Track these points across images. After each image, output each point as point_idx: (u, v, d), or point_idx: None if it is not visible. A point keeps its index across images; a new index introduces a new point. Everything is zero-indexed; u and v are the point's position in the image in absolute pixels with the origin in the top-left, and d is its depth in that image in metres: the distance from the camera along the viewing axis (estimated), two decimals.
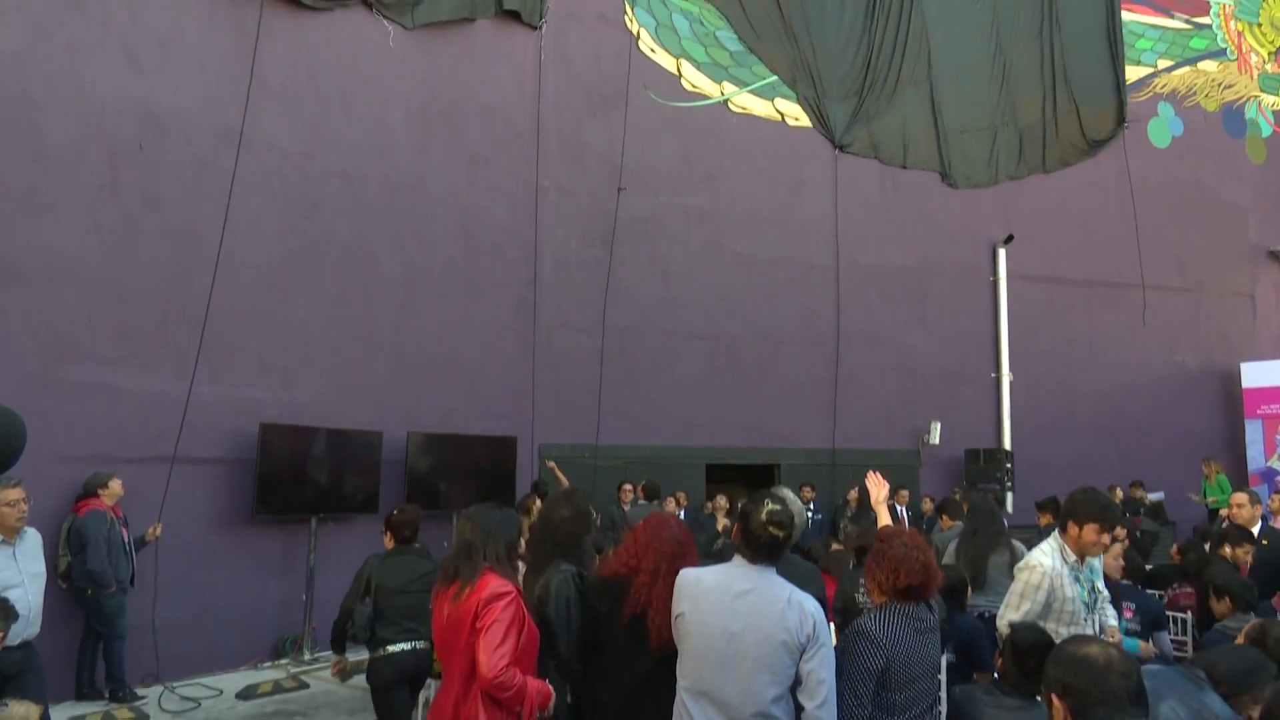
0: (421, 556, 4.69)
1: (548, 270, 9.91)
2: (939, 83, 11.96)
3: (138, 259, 6.85)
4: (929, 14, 12.03)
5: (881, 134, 11.72)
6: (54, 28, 6.55)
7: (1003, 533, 5.35)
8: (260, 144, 7.70)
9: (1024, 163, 12.40)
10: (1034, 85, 12.46)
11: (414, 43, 9.02)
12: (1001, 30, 12.34)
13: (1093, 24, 12.78)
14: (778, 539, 2.62)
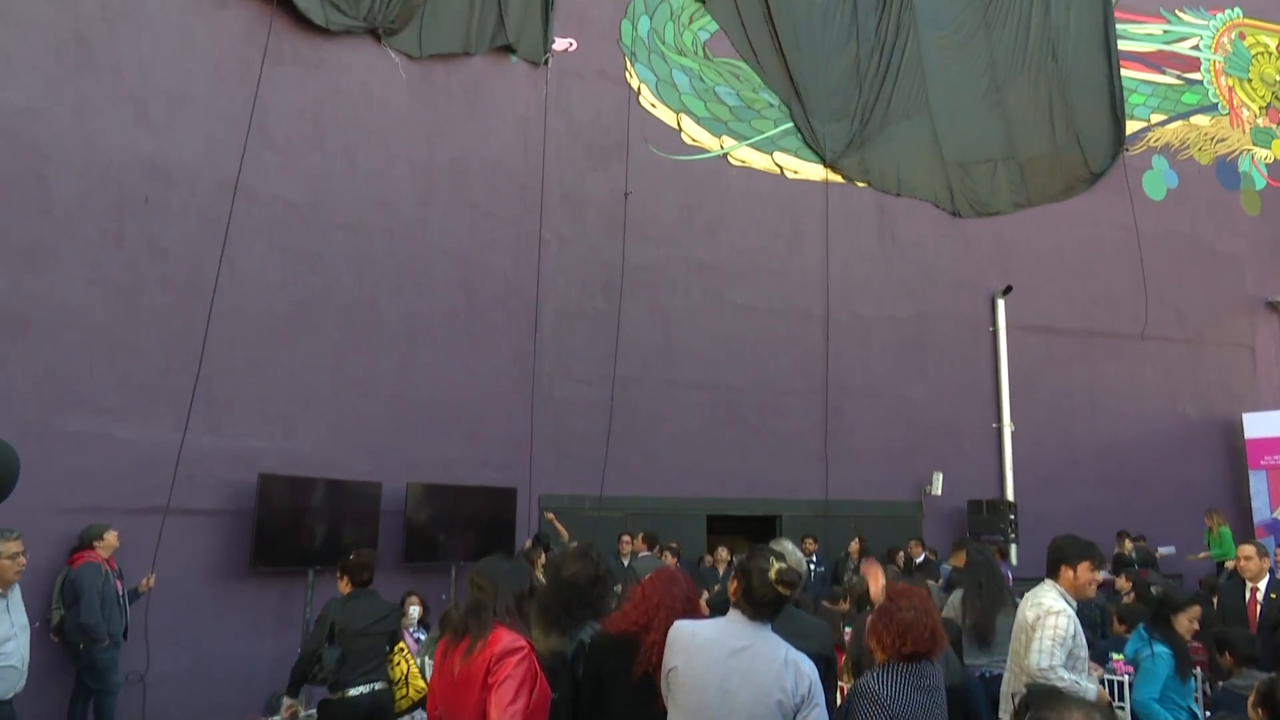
0: (380, 599, 4.85)
1: (548, 320, 9.95)
2: (937, 116, 12.12)
3: (141, 309, 6.89)
4: (924, 46, 12.20)
5: (874, 160, 11.85)
6: (66, 84, 6.67)
7: (1005, 588, 5.28)
8: (265, 195, 7.79)
9: (1028, 193, 12.52)
10: (1033, 119, 12.63)
11: (419, 97, 9.17)
12: (998, 64, 12.53)
13: (1090, 56, 12.99)
14: (783, 598, 2.57)
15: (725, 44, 11.53)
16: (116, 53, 7.04)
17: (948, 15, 12.47)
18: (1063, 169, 12.74)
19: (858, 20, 11.97)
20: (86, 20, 6.94)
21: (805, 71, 11.58)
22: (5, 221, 6.26)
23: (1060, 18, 12.90)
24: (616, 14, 10.90)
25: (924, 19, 12.29)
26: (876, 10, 12.06)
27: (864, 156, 11.79)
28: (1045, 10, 12.86)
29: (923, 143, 12.09)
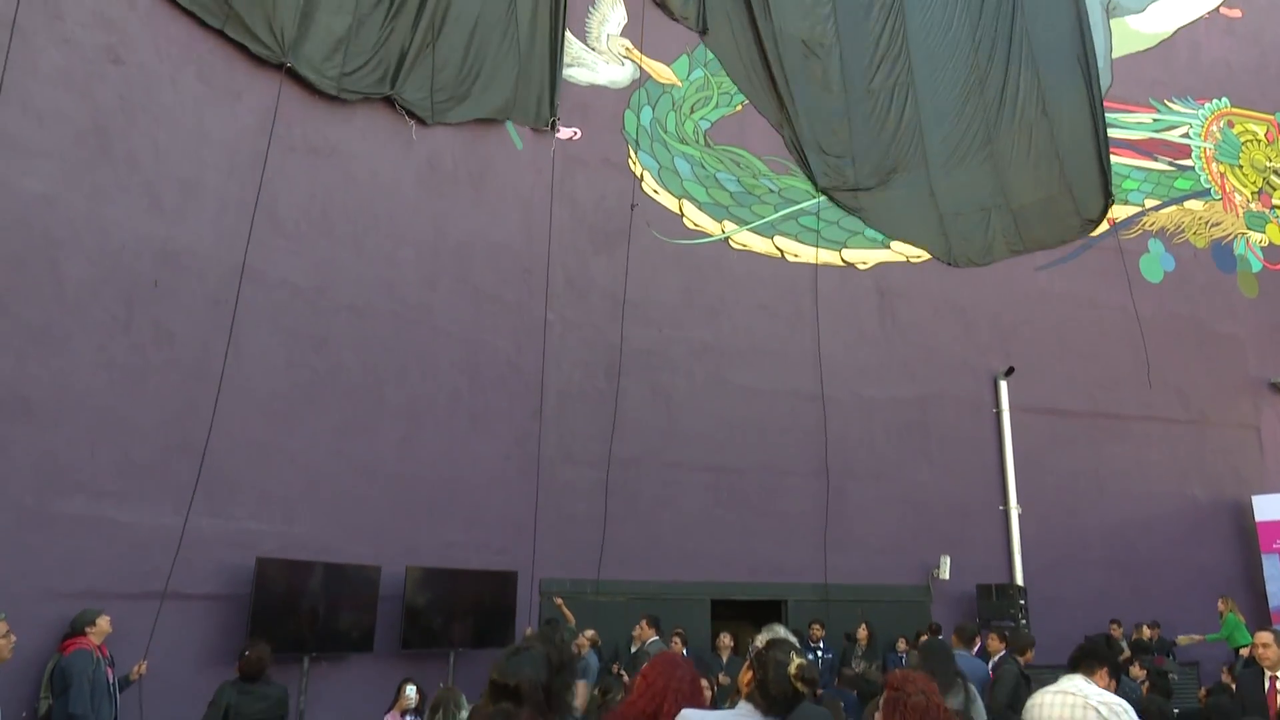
0: (272, 685, 5.47)
1: (551, 403, 9.96)
2: (933, 169, 12.46)
3: (145, 392, 6.93)
4: (921, 102, 12.61)
5: (868, 201, 12.15)
6: (83, 173, 6.85)
7: (957, 674, 5.14)
8: (273, 279, 7.91)
9: (1023, 240, 12.76)
10: (1024, 169, 12.95)
11: (426, 184, 9.39)
12: (989, 118, 12.93)
13: (1076, 109, 13.39)
14: (800, 696, 2.50)
15: (726, 132, 11.83)
16: (132, 142, 7.25)
17: (942, 72, 12.92)
18: (1056, 217, 13.01)
19: (844, 72, 12.42)
20: (106, 111, 7.17)
21: (798, 104, 12.03)
22: (16, 305, 6.35)
23: (1048, 77, 13.35)
24: (620, 105, 11.23)
25: (920, 77, 12.74)
26: (871, 68, 12.53)
27: (858, 196, 12.13)
28: (1034, 69, 13.33)
29: (919, 195, 12.39)
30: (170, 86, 7.60)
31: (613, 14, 11.45)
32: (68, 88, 6.93)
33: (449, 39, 9.71)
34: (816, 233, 11.91)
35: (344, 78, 8.72)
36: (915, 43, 12.84)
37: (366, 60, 8.93)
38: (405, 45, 9.27)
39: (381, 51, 9.07)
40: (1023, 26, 13.38)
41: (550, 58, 10.59)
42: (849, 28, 12.56)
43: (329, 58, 8.64)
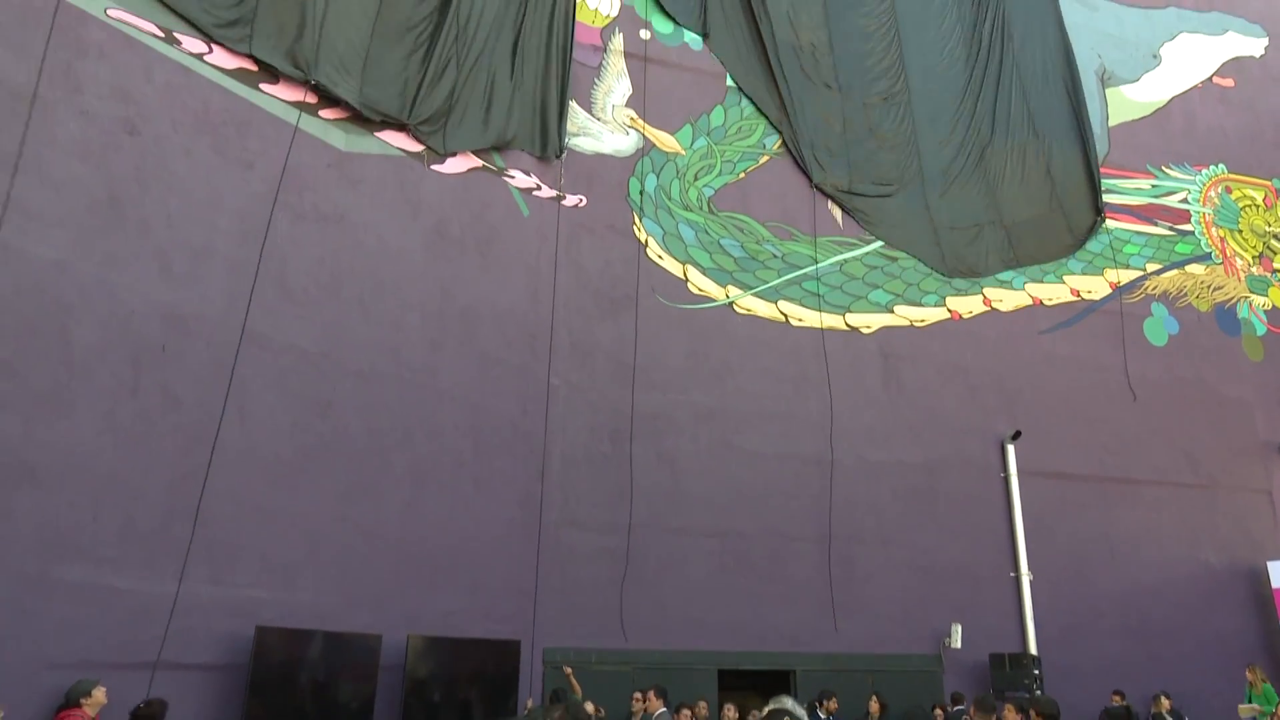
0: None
1: (556, 467, 9.92)
2: (928, 184, 12.84)
3: (149, 457, 6.93)
4: (917, 119, 13.04)
5: (864, 205, 12.47)
6: (95, 240, 6.96)
7: None
8: (280, 344, 7.97)
9: (1016, 255, 13.03)
10: (1017, 187, 13.33)
11: (433, 249, 9.51)
12: (982, 136, 13.38)
13: (1065, 129, 13.81)
14: None
15: (729, 199, 12.00)
16: (146, 210, 7.39)
17: (937, 92, 13.43)
18: (1048, 234, 13.30)
19: (842, 81, 12.91)
20: (121, 180, 7.32)
21: (797, 104, 12.48)
22: (25, 370, 6.40)
23: (1037, 100, 13.82)
24: (625, 173, 11.42)
25: (916, 95, 13.22)
26: (868, 81, 13.03)
27: (854, 200, 12.49)
28: (1023, 92, 13.77)
29: (915, 208, 12.72)
30: (184, 156, 7.77)
31: (618, 86, 11.72)
32: (84, 158, 7.08)
33: (464, 69, 10.12)
34: (820, 297, 11.99)
35: (365, 91, 9.14)
36: (911, 61, 13.37)
37: (387, 84, 9.36)
38: (423, 72, 9.71)
39: (402, 76, 9.52)
40: (1012, 52, 13.93)
41: (560, 88, 11.00)
42: (846, 41, 13.14)
43: (350, 74, 9.08)
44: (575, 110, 11.26)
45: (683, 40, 12.39)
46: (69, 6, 7.41)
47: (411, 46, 9.70)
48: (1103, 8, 15.11)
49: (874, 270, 12.48)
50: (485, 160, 10.27)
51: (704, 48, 12.46)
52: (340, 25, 9.14)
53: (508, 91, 10.44)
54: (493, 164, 10.34)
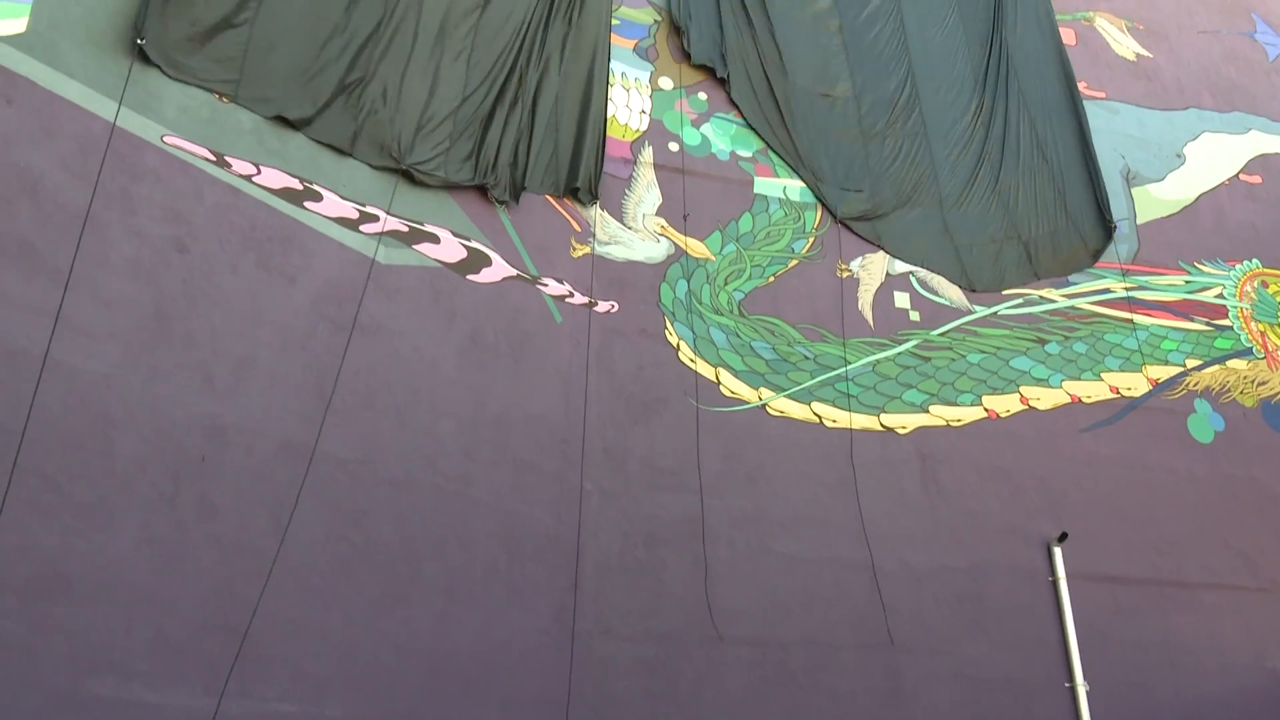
0: None
1: (589, 575, 9.77)
2: (946, 207, 13.09)
3: (184, 569, 6.96)
4: (933, 142, 13.40)
5: (885, 228, 12.70)
6: (142, 354, 7.19)
7: None
8: (318, 453, 8.07)
9: (1035, 269, 13.17)
10: (1029, 206, 13.54)
11: (468, 357, 9.67)
12: (993, 161, 13.69)
13: (1071, 151, 14.16)
14: None
15: (759, 302, 12.12)
16: (191, 325, 7.64)
17: (950, 120, 13.84)
18: (1064, 249, 13.47)
19: (861, 121, 13.33)
20: (169, 296, 7.61)
21: (815, 148, 12.91)
22: (68, 483, 6.53)
23: (1042, 126, 14.23)
24: (656, 279, 11.62)
25: (931, 124, 13.60)
26: (886, 117, 13.44)
27: (875, 225, 12.73)
28: (1030, 118, 14.17)
29: (934, 228, 12.99)
30: (230, 272, 8.07)
31: (648, 196, 12.06)
32: (135, 276, 7.39)
33: (514, 120, 10.80)
34: (853, 398, 11.94)
35: (448, 167, 9.90)
36: (925, 94, 13.83)
37: (460, 146, 10.13)
38: (500, 135, 10.51)
39: (477, 138, 10.29)
40: (1017, 83, 14.44)
41: (601, 133, 11.54)
42: (864, 81, 13.62)
43: (435, 152, 9.89)
44: (606, 219, 11.59)
45: (710, 151, 12.79)
46: (126, 134, 7.87)
47: (475, 109, 10.44)
48: (1123, 111, 15.40)
49: (907, 370, 12.44)
50: (521, 270, 10.53)
51: (730, 158, 12.82)
52: (413, 100, 9.90)
53: (555, 139, 11.14)
54: (527, 272, 10.59)
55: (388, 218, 9.41)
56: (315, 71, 9.21)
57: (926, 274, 13.20)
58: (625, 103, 12.57)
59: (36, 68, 7.69)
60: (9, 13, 7.76)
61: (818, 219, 12.92)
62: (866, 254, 12.94)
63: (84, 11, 8.20)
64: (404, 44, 10.07)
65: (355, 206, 9.26)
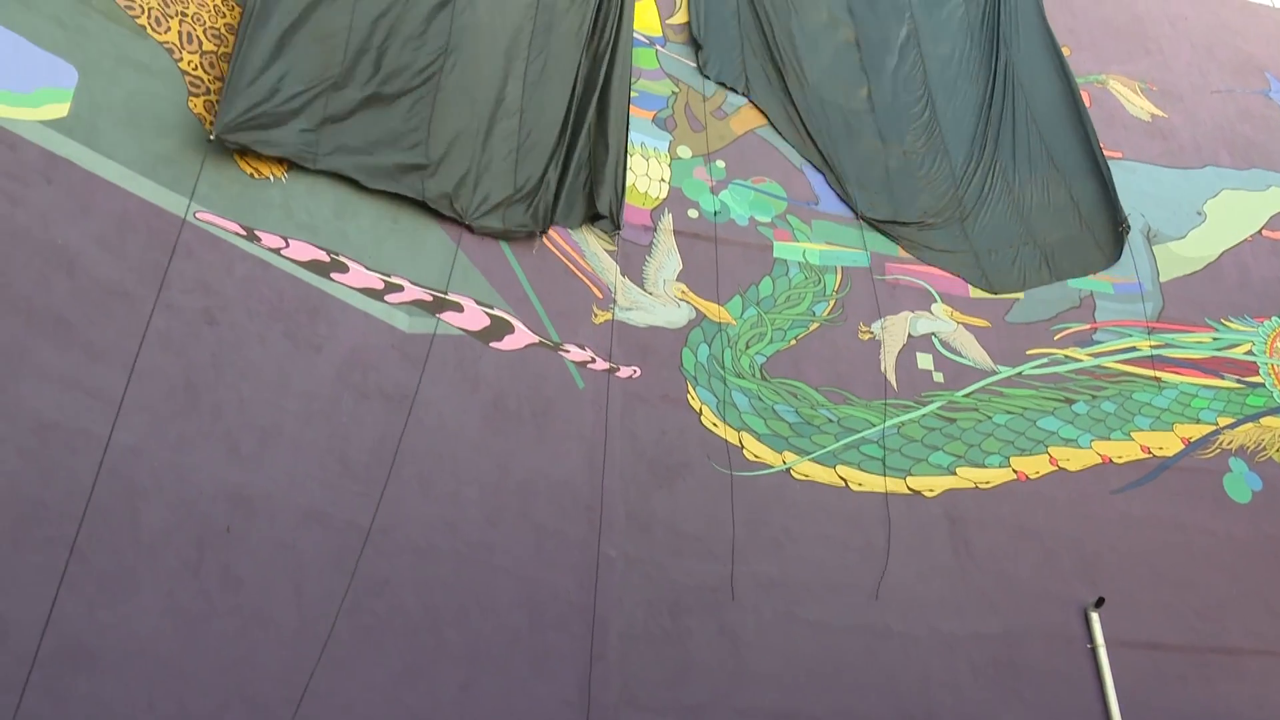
0: None
1: (613, 644, 9.62)
2: (965, 218, 13.59)
3: (208, 639, 6.94)
4: (953, 158, 14.02)
5: (907, 233, 13.23)
6: (170, 425, 7.29)
7: None
8: (340, 522, 8.08)
9: (1053, 272, 13.57)
10: (1044, 213, 14.03)
11: (491, 423, 9.71)
12: (1006, 171, 14.24)
13: (1080, 159, 14.66)
14: None
15: (781, 366, 12.12)
16: (219, 394, 7.75)
17: (966, 134, 14.50)
18: (1080, 252, 13.87)
19: (882, 134, 14.05)
20: (198, 367, 7.74)
21: (840, 154, 13.57)
22: (94, 554, 6.57)
23: (1052, 138, 14.81)
24: (677, 344, 11.68)
25: (949, 139, 14.26)
26: (907, 134, 14.13)
27: (897, 230, 13.22)
28: (1039, 131, 14.76)
29: (954, 237, 13.42)
30: (258, 343, 8.21)
31: (668, 262, 12.20)
32: (165, 347, 7.53)
33: (543, 154, 11.41)
34: (879, 460, 11.82)
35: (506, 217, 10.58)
36: (941, 108, 14.56)
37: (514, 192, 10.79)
38: (551, 180, 11.23)
39: (531, 186, 10.97)
40: (1024, 95, 15.13)
41: (621, 163, 12.06)
42: (882, 95, 14.37)
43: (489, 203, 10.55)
44: (628, 285, 11.71)
45: (730, 217, 12.97)
46: (161, 211, 8.11)
47: (505, 150, 11.06)
48: (1140, 170, 15.48)
49: (933, 432, 12.33)
50: (543, 337, 10.64)
51: (749, 223, 12.97)
52: (470, 157, 10.67)
53: (583, 170, 11.76)
54: (550, 338, 10.69)
55: (412, 287, 9.57)
56: (383, 135, 9.96)
57: (949, 335, 13.18)
58: (645, 171, 12.83)
59: (76, 149, 7.99)
60: (53, 98, 8.09)
61: (838, 281, 13.00)
62: (888, 316, 12.95)
63: (124, 94, 8.54)
64: (463, 107, 10.86)
65: (380, 277, 9.44)
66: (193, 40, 9.26)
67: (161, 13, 9.10)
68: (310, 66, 9.50)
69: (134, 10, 8.89)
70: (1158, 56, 16.89)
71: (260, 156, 9.14)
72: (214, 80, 9.23)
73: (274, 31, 9.31)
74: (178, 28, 9.19)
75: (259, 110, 8.93)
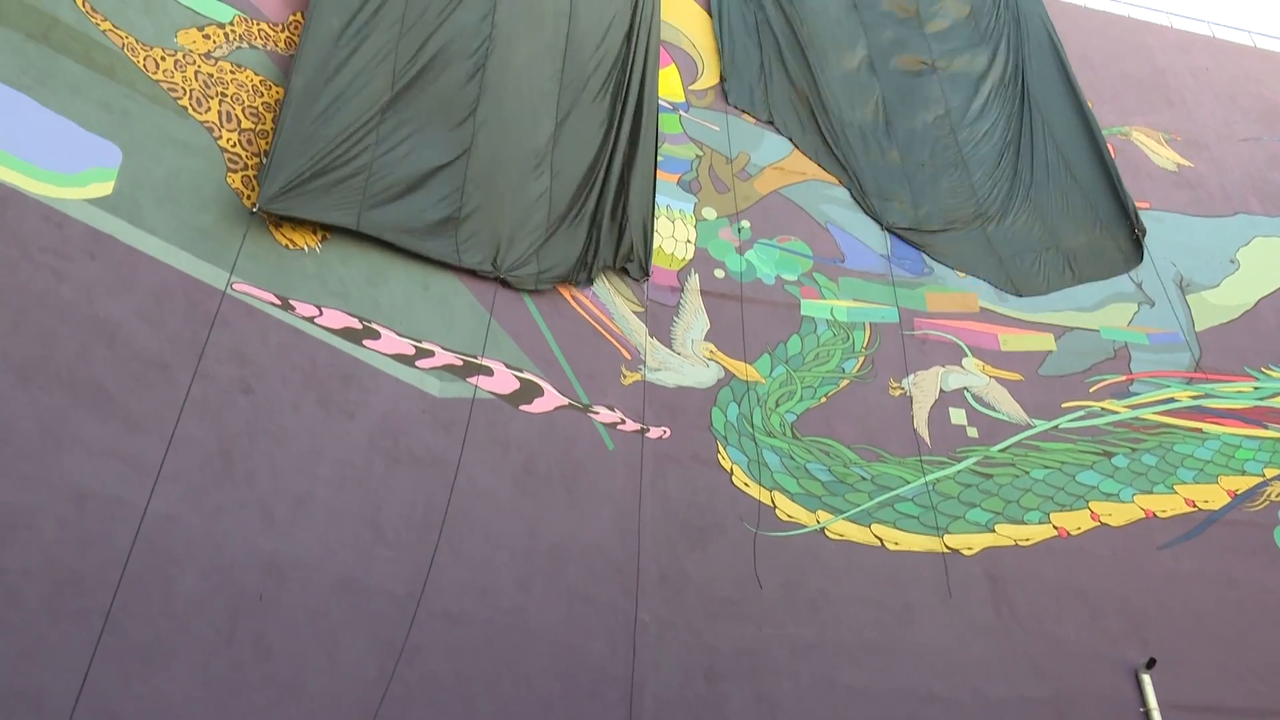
0: None
1: (648, 711, 9.41)
2: (988, 224, 14.19)
3: (240, 709, 6.89)
4: (971, 171, 14.73)
5: (931, 240, 13.76)
6: (205, 493, 7.36)
7: None
8: (372, 588, 8.05)
9: (1076, 276, 13.97)
10: (1064, 219, 14.54)
11: (522, 487, 9.69)
12: (1025, 180, 14.91)
13: (1095, 171, 15.28)
14: None
15: (812, 424, 12.04)
16: (253, 462, 7.83)
17: (986, 148, 15.24)
18: (1101, 255, 14.36)
19: (902, 150, 14.85)
20: (232, 436, 7.84)
21: (864, 169, 14.30)
22: (129, 623, 6.58)
23: (1069, 152, 15.48)
24: (707, 404, 11.66)
25: (967, 152, 15.03)
26: (926, 148, 14.91)
27: (921, 237, 13.70)
28: (1057, 145, 15.45)
29: (978, 242, 13.99)
30: (291, 410, 8.31)
31: (696, 322, 12.26)
32: (202, 417, 7.65)
33: (584, 208, 11.96)
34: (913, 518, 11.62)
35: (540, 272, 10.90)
36: (958, 123, 15.36)
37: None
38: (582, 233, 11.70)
39: (537, 235, 11.27)
40: (1040, 113, 15.89)
41: (649, 213, 12.49)
42: (899, 114, 15.26)
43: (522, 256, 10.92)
44: (656, 346, 11.75)
45: (756, 276, 13.03)
46: (199, 283, 8.31)
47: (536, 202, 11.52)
48: (1169, 220, 15.43)
49: (969, 489, 12.13)
50: (573, 399, 10.66)
51: (775, 282, 13.03)
52: (505, 218, 11.06)
53: (615, 221, 12.16)
54: (579, 400, 10.71)
55: (442, 352, 9.69)
56: (420, 199, 10.34)
57: (982, 389, 13.05)
58: (671, 233, 12.98)
59: (119, 225, 8.25)
60: (99, 177, 8.40)
61: (866, 338, 12.96)
62: (918, 371, 12.86)
63: (166, 172, 8.84)
64: (495, 169, 11.26)
65: (412, 342, 9.56)
66: (232, 119, 9.59)
67: (202, 93, 9.45)
68: (349, 139, 9.85)
69: (176, 92, 9.25)
70: (1180, 107, 16.93)
71: (295, 227, 9.39)
72: (252, 156, 9.53)
73: (316, 109, 9.70)
74: (217, 107, 9.54)
75: (300, 181, 9.23)
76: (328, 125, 9.69)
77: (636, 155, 12.69)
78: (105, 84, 8.67)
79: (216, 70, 9.67)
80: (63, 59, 8.43)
